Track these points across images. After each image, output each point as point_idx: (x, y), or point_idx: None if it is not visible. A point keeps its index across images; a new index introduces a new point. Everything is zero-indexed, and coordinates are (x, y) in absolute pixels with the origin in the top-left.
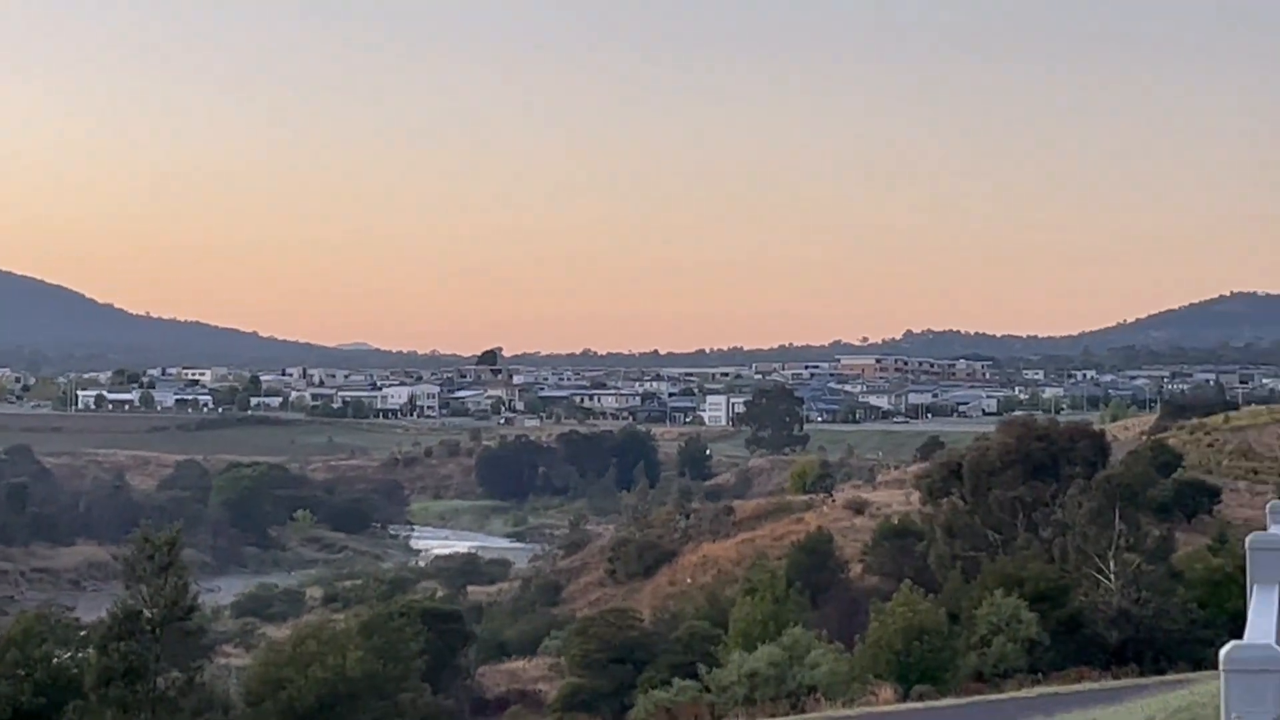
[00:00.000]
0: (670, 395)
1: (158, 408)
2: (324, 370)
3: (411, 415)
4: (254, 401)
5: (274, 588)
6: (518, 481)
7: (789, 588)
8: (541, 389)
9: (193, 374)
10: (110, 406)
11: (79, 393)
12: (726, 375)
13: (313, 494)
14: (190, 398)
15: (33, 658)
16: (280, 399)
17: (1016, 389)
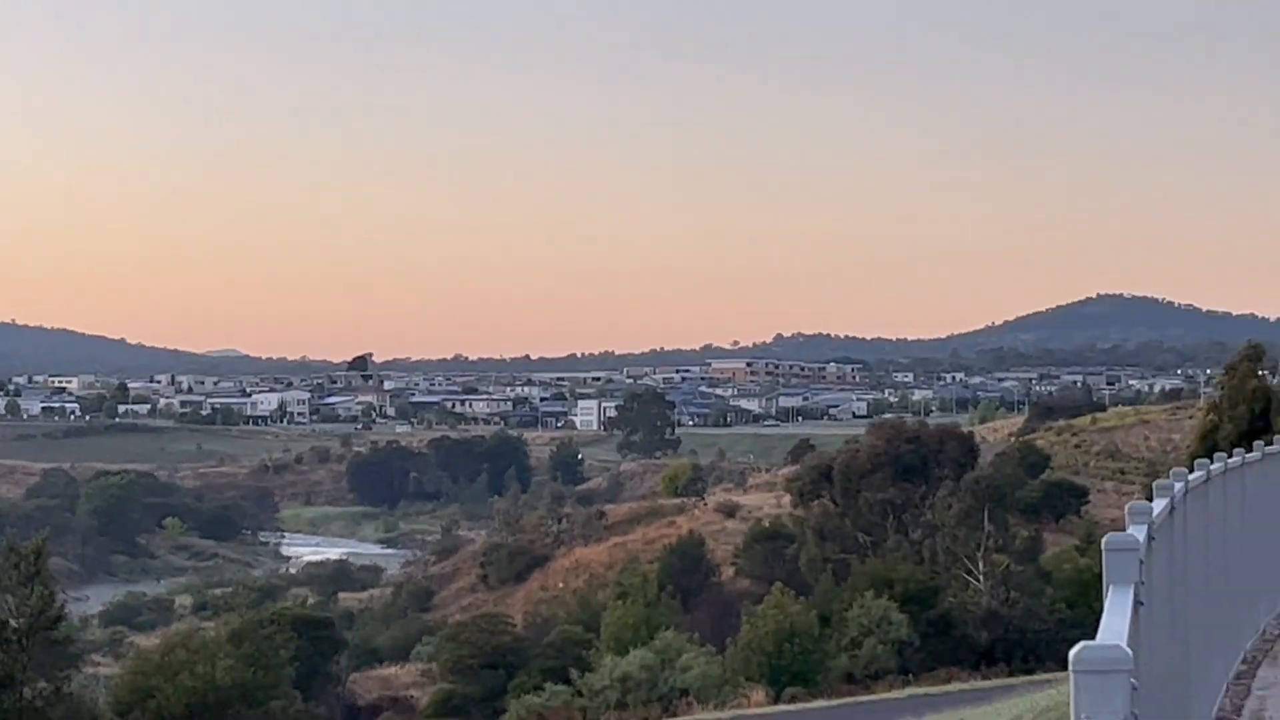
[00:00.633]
0: (542, 400)
1: (24, 416)
2: (193, 377)
3: (282, 422)
4: (122, 409)
5: (143, 596)
6: (389, 487)
7: (660, 591)
8: (413, 394)
9: (59, 381)
10: None
11: None
12: (598, 379)
13: (182, 501)
14: (57, 405)
15: None
16: (149, 406)
17: (886, 391)
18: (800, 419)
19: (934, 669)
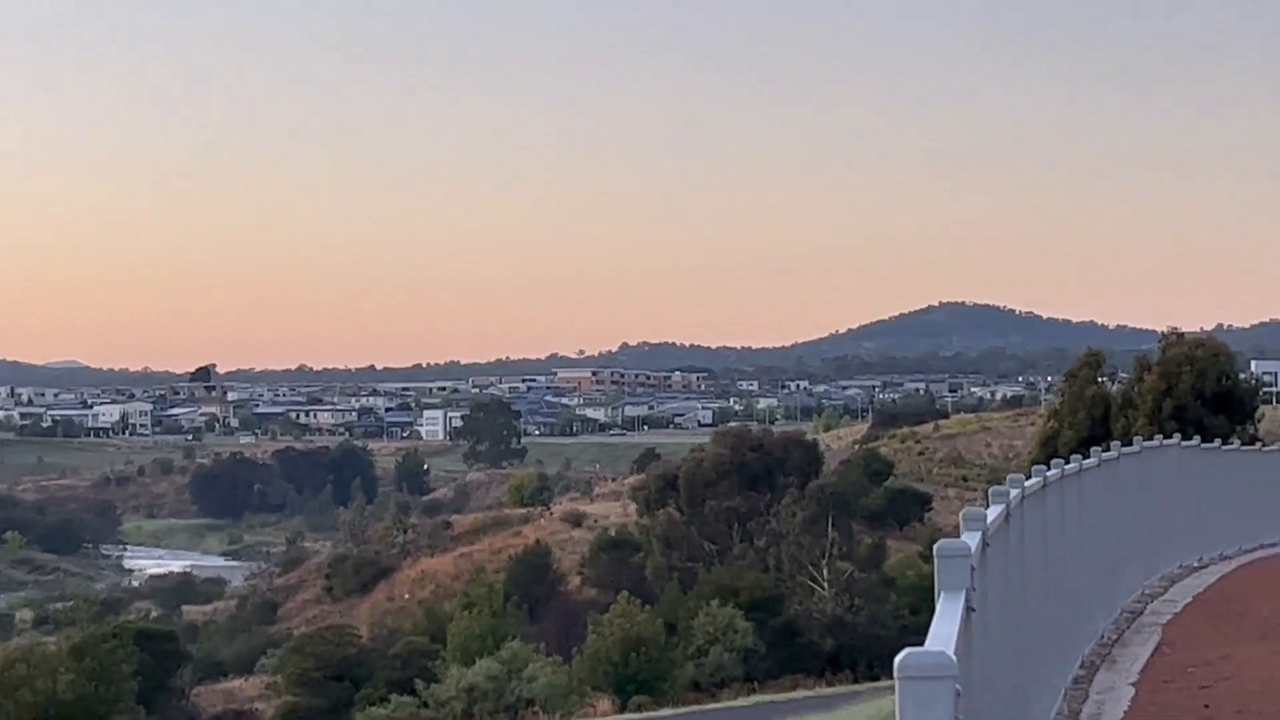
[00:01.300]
0: (387, 410)
1: None
2: (33, 389)
3: (124, 434)
4: None
5: None
6: (233, 499)
7: (507, 601)
8: (257, 405)
9: None
10: None
11: None
12: (444, 389)
13: (22, 515)
14: None
15: None
16: None
17: (732, 400)
18: (646, 428)
19: (779, 676)
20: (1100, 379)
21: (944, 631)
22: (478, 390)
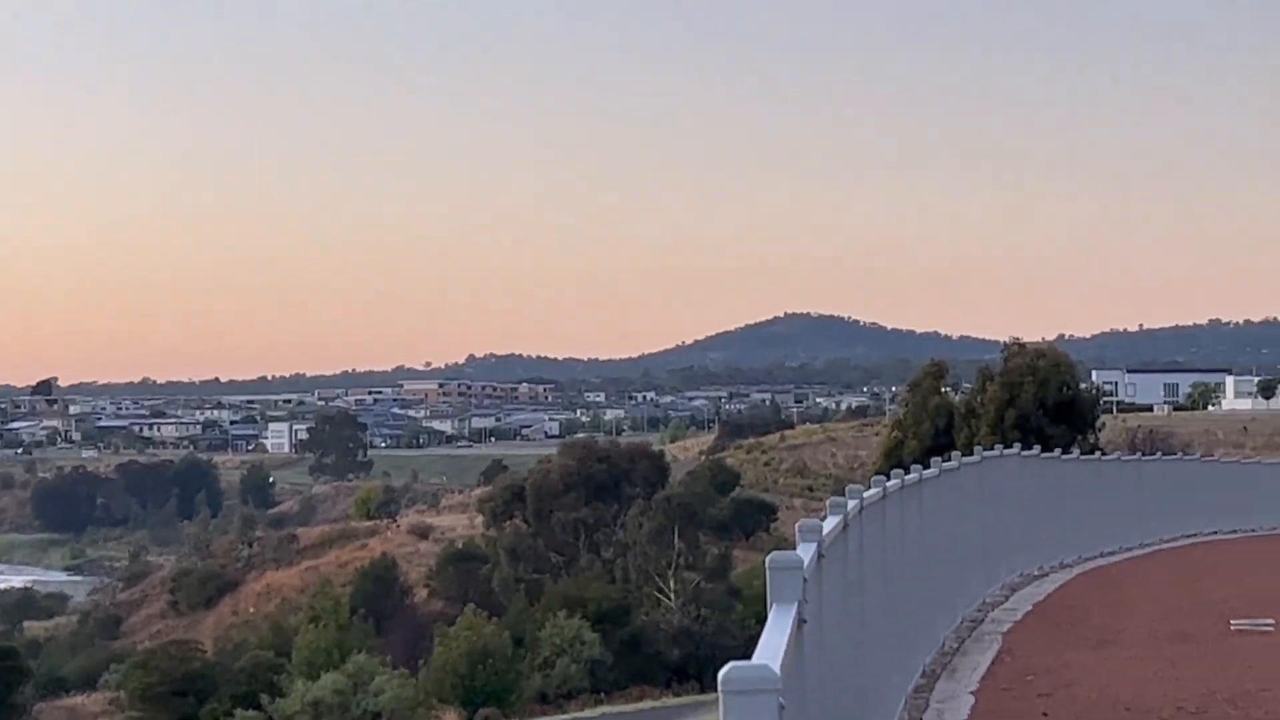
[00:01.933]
0: (232, 423)
1: None
2: None
3: None
4: None
5: None
6: (75, 514)
7: (353, 614)
8: (99, 418)
9: None
10: None
11: None
12: (289, 402)
13: None
14: None
15: None
16: None
17: (579, 411)
18: (493, 439)
19: (626, 687)
20: (944, 389)
21: (773, 643)
22: (323, 402)
